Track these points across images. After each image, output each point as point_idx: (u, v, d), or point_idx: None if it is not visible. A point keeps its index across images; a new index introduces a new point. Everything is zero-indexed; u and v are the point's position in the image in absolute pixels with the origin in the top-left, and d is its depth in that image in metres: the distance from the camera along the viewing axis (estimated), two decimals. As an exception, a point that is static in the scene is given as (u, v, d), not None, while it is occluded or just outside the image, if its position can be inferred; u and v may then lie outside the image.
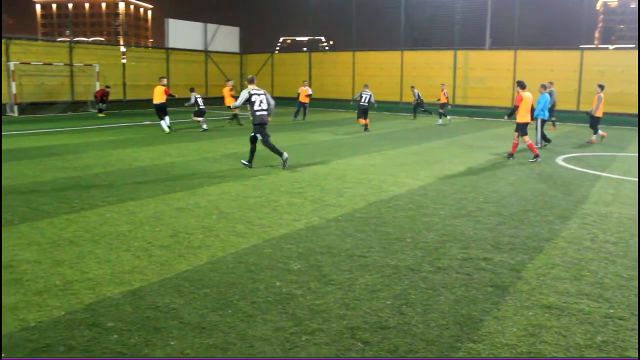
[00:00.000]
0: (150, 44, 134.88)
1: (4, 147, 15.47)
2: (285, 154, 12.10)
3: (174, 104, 24.95)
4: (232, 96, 22.09)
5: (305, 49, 43.17)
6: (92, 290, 5.20)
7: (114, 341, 4.21)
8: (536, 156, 13.67)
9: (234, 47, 40.22)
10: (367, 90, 21.90)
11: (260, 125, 11.99)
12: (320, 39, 51.56)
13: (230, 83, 23.55)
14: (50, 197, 9.15)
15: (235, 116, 23.71)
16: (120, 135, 18.73)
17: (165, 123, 20.11)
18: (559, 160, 13.99)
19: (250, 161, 12.23)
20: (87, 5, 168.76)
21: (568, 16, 34.02)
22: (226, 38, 39.28)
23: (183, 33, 36.28)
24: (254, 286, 5.32)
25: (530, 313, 4.80)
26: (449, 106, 26.19)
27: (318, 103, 35.47)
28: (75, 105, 29.38)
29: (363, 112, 21.59)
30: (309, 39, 41.96)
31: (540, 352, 4.15)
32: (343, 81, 35.26)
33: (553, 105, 19.14)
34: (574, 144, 17.83)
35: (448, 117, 25.55)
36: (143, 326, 4.46)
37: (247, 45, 40.87)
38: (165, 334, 4.32)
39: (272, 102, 12.20)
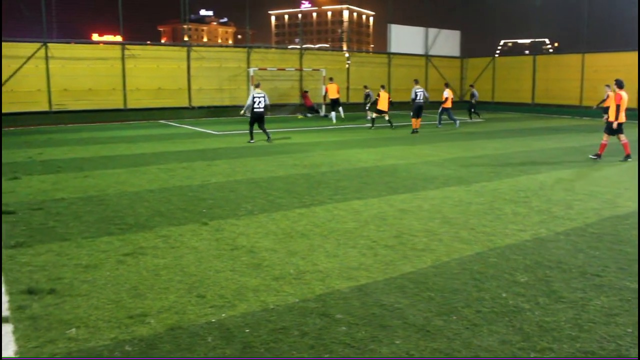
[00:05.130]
0: (371, 49, 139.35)
1: (242, 145, 17.15)
2: (269, 136, 17.60)
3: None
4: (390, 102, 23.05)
5: (527, 51, 41.09)
6: (322, 282, 5.54)
7: (343, 333, 4.44)
8: (598, 155, 14.26)
9: (455, 51, 39.73)
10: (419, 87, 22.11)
11: (257, 117, 17.19)
12: (544, 41, 48.55)
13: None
14: (283, 192, 9.96)
15: (388, 121, 22.96)
16: (343, 137, 19.61)
17: (334, 115, 25.62)
18: None
19: (252, 139, 17.41)
20: (314, 14, 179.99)
21: None
22: (447, 42, 38.97)
23: (404, 38, 36.79)
24: (479, 295, 5.23)
25: None
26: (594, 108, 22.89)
27: (542, 109, 33.57)
28: (303, 107, 31.46)
29: (420, 110, 21.58)
30: (531, 41, 39.86)
31: None
32: (570, 86, 32.83)
33: None
34: None
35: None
36: (369, 322, 4.63)
37: (468, 49, 40.09)
38: (391, 332, 4.44)
39: (267, 102, 17.26)
